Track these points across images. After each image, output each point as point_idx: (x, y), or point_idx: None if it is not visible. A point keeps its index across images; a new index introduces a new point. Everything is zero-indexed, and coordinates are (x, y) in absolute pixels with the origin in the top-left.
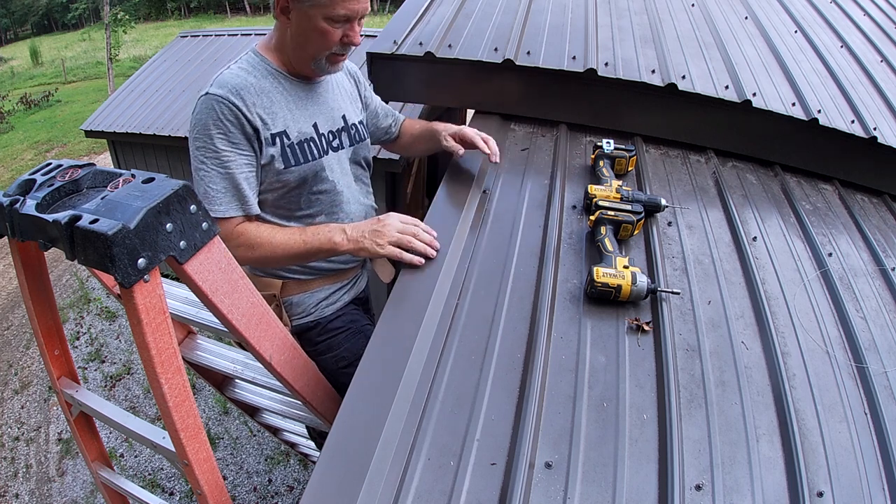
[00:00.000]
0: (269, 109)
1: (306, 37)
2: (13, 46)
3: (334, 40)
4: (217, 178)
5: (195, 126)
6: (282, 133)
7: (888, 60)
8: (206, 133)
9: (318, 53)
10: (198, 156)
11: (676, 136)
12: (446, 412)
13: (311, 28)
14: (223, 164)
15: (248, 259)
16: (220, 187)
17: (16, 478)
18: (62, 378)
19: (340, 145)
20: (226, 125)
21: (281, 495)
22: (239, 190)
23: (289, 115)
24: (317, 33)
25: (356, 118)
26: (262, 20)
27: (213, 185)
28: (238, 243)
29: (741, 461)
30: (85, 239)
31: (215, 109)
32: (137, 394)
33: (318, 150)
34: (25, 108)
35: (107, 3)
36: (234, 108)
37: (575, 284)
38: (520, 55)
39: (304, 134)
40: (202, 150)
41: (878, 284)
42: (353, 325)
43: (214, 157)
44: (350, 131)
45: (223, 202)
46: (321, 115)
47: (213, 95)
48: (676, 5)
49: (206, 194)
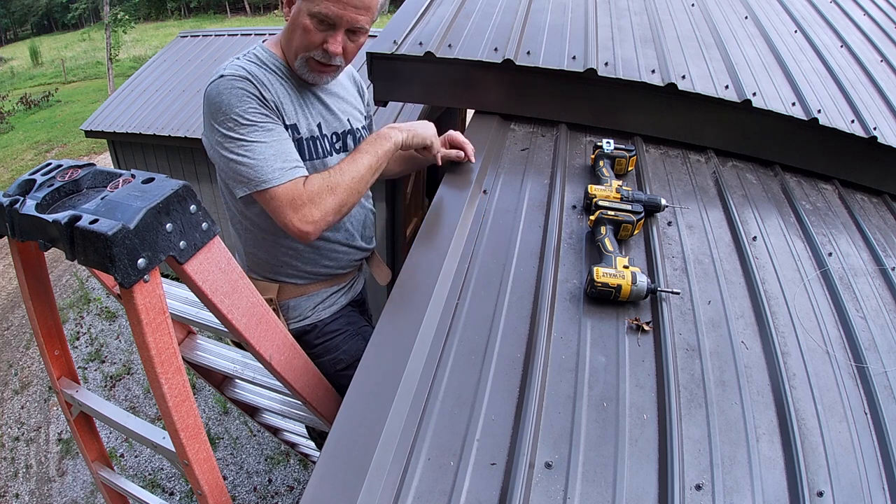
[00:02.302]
0: (279, 101)
1: (293, 31)
2: (13, 46)
3: (314, 41)
4: (259, 148)
5: (217, 109)
6: (293, 126)
7: (888, 60)
8: (233, 110)
9: (299, 51)
10: (229, 136)
11: (676, 136)
12: (446, 412)
13: (297, 23)
14: (263, 133)
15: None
16: (268, 154)
17: (16, 478)
18: (62, 378)
19: (343, 148)
20: (251, 99)
21: (281, 495)
22: (289, 153)
23: (298, 110)
24: (300, 29)
25: (359, 124)
26: (262, 20)
27: (257, 156)
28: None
29: (741, 461)
30: (85, 239)
31: (237, 86)
32: (137, 394)
33: (323, 150)
34: (25, 108)
35: (107, 3)
36: (254, 85)
37: (575, 284)
38: (520, 55)
39: (312, 132)
40: (234, 130)
41: (878, 284)
42: (351, 328)
43: (250, 129)
44: (355, 135)
45: (277, 169)
46: (325, 117)
47: (229, 76)
48: (676, 5)
49: (254, 169)
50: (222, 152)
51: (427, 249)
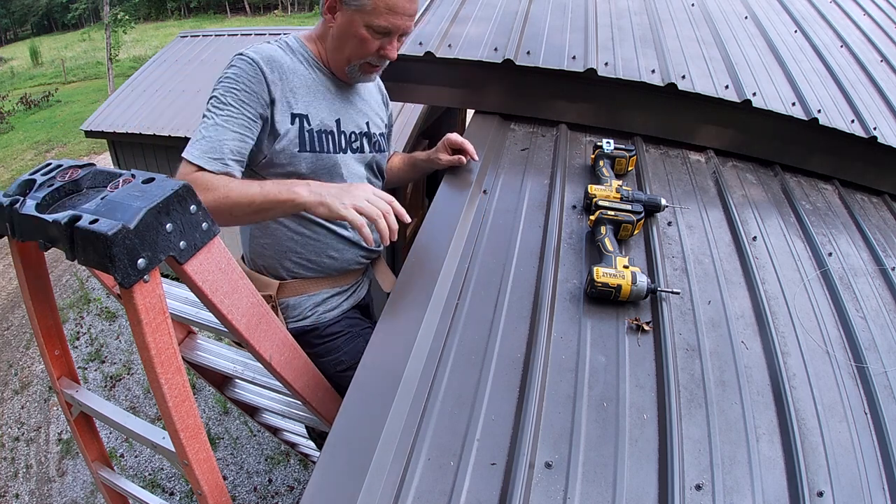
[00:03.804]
0: (295, 90)
1: (345, 40)
2: (13, 46)
3: (371, 50)
4: (210, 126)
5: (219, 78)
6: (303, 116)
7: (888, 60)
8: (222, 83)
9: (353, 59)
10: (208, 104)
11: (676, 136)
12: (446, 412)
13: (351, 32)
14: (222, 117)
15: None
16: (207, 135)
17: (16, 478)
18: (62, 378)
19: (360, 149)
20: (243, 83)
21: (281, 495)
22: (220, 145)
23: (314, 102)
24: (356, 39)
25: (378, 130)
26: (262, 20)
27: (204, 130)
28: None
29: (741, 461)
30: (85, 239)
31: (241, 67)
32: (137, 394)
33: (336, 146)
34: (25, 108)
35: (107, 3)
36: (260, 72)
37: (575, 284)
38: (520, 55)
39: (326, 126)
40: (212, 100)
41: (878, 284)
42: (353, 329)
43: (218, 107)
44: (372, 139)
45: (198, 148)
46: (346, 114)
47: (244, 56)
48: (676, 5)
49: (195, 136)
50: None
51: (427, 249)
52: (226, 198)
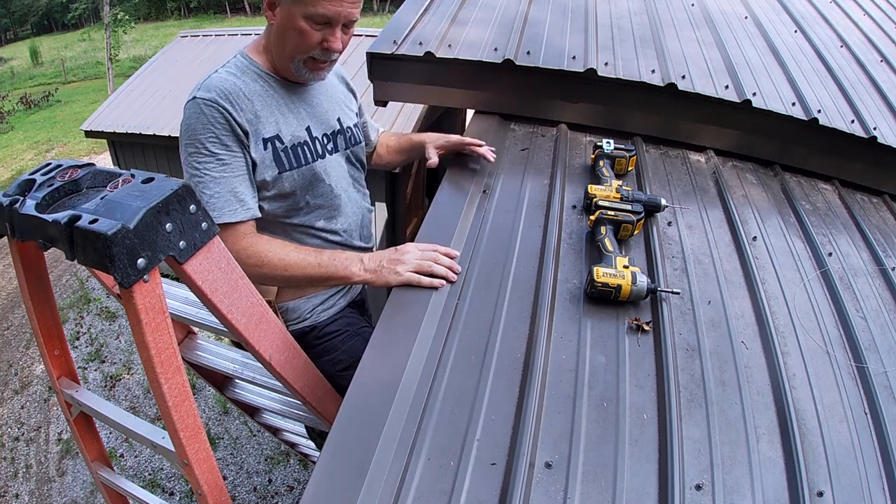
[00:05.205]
0: (258, 114)
1: (286, 35)
2: (13, 46)
3: (312, 42)
4: (212, 182)
5: (185, 132)
6: (274, 137)
7: (888, 60)
8: (196, 138)
9: (296, 54)
10: (191, 162)
11: (676, 136)
12: (446, 412)
13: (290, 26)
14: (218, 168)
15: (254, 276)
16: (217, 191)
17: (16, 478)
18: (62, 378)
19: (335, 148)
20: (216, 128)
21: (281, 495)
22: (236, 193)
23: (281, 118)
24: (295, 32)
25: (350, 122)
26: (262, 20)
27: (209, 189)
28: (245, 256)
29: (741, 461)
30: (84, 239)
31: (204, 113)
32: (137, 394)
33: (313, 154)
34: (25, 108)
35: (107, 3)
36: (222, 110)
37: (575, 284)
38: (520, 55)
39: (298, 138)
40: (195, 156)
41: (878, 284)
42: (351, 328)
43: (208, 160)
44: (346, 134)
45: (223, 207)
46: (314, 118)
47: (200, 99)
48: (676, 5)
49: (205, 201)
50: (186, 169)
51: None
52: (283, 272)
